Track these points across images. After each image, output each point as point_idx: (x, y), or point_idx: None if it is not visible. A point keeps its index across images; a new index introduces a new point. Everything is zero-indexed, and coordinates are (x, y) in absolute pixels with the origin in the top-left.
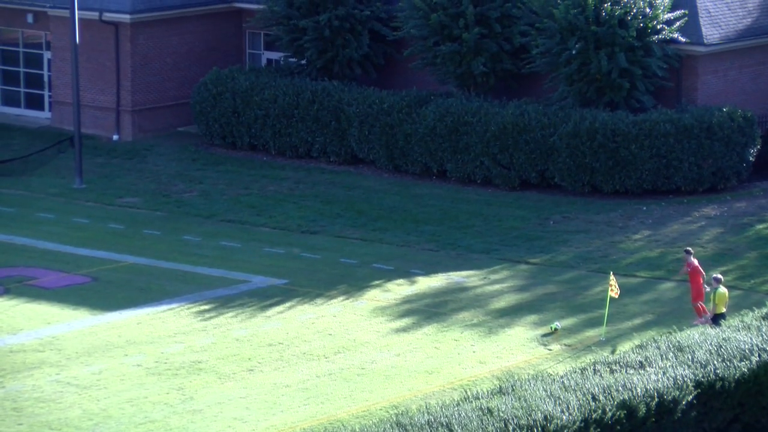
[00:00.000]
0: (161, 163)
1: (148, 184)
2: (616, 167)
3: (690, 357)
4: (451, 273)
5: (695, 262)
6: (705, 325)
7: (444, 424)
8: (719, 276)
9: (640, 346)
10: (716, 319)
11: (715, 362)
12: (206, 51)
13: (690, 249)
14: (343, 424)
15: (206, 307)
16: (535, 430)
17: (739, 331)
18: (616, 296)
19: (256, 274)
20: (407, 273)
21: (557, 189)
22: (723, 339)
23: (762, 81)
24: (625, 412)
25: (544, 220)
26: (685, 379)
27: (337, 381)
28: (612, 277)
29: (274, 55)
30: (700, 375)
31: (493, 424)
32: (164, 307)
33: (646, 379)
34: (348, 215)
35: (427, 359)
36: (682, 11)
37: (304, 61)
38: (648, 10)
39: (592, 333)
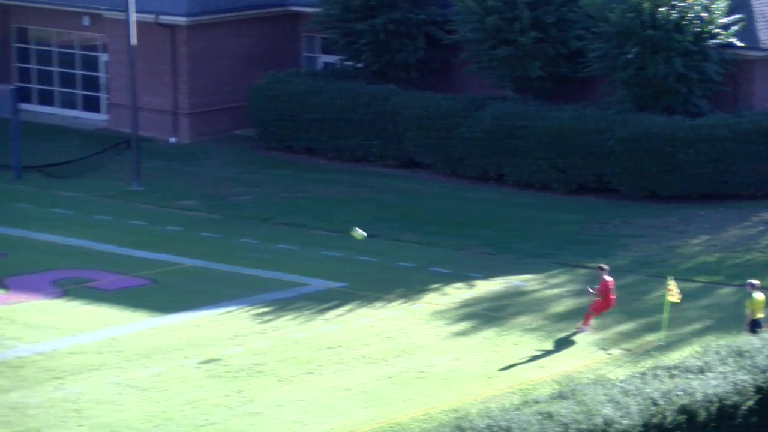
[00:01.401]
0: (218, 166)
1: (204, 187)
2: (673, 172)
3: (750, 362)
4: (509, 277)
5: (609, 279)
6: (586, 333)
7: (504, 428)
8: (755, 282)
9: (700, 351)
10: (753, 326)
11: None
12: (261, 54)
13: (604, 266)
14: (402, 428)
15: (264, 309)
16: None
17: None
18: (678, 300)
19: (314, 277)
20: (465, 277)
21: (614, 193)
22: None
23: None
24: (685, 417)
25: (602, 225)
26: (746, 384)
27: (397, 384)
28: (672, 281)
29: (330, 59)
30: (761, 380)
31: (554, 429)
32: (223, 310)
33: (706, 384)
34: (405, 219)
35: (486, 363)
36: (739, 16)
37: (360, 65)
38: (704, 14)
39: (651, 338)
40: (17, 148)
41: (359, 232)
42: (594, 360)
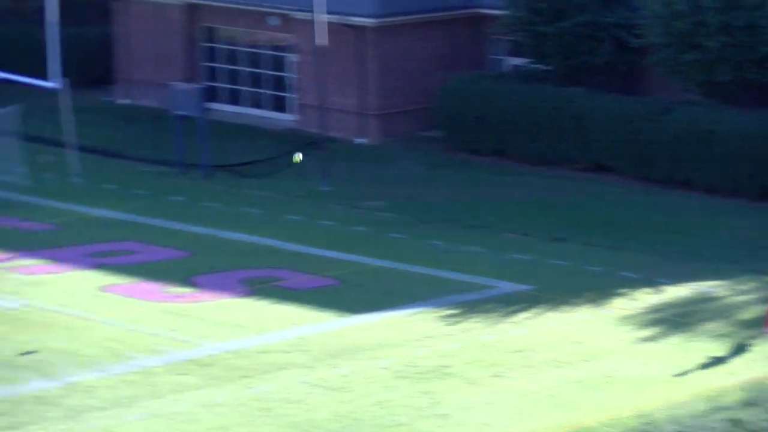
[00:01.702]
0: (405, 167)
1: (392, 187)
2: None
3: None
4: (697, 283)
5: None
6: None
7: None
8: None
9: None
10: None
11: None
12: (446, 56)
13: None
14: None
15: (452, 311)
16: None
17: None
18: None
19: (501, 279)
20: (653, 282)
21: None
22: None
23: None
24: None
25: None
26: None
27: (584, 389)
28: None
29: (517, 61)
30: None
31: None
32: (411, 311)
33: None
34: (593, 223)
35: (673, 369)
36: None
37: (547, 68)
38: None
39: None
40: (206, 147)
41: (297, 156)
42: None
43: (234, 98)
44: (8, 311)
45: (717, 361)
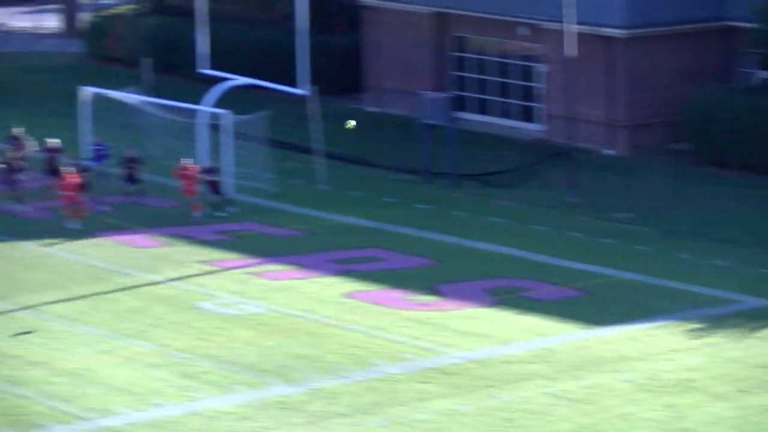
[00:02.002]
0: (653, 180)
1: (639, 200)
2: None
3: None
4: None
5: None
6: None
7: None
8: None
9: None
10: None
11: None
12: (695, 68)
13: None
14: None
15: (697, 325)
16: None
17: None
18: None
19: (749, 294)
20: None
21: None
22: None
23: None
24: None
25: None
26: None
27: None
28: None
29: None
30: None
31: None
32: (655, 324)
33: None
34: None
35: None
36: None
37: None
38: None
39: None
40: (453, 156)
41: (351, 123)
42: None
43: (482, 108)
44: (254, 316)
45: None
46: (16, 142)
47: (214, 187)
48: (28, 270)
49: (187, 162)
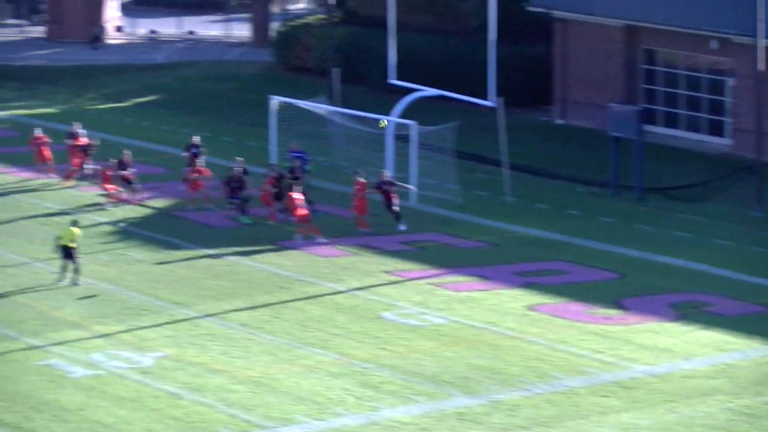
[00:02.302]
0: None
1: None
2: None
3: None
4: None
5: None
6: None
7: None
8: None
9: None
10: None
11: None
12: None
13: None
14: None
15: None
16: None
17: None
18: None
19: None
20: None
21: None
22: None
23: None
24: None
25: None
26: None
27: None
28: None
29: None
30: None
31: None
32: None
33: None
34: None
35: None
36: None
37: None
38: None
39: None
40: (640, 169)
41: (384, 122)
42: None
43: (670, 121)
44: (436, 327)
45: None
46: (196, 149)
47: (389, 199)
48: (212, 278)
49: (360, 177)
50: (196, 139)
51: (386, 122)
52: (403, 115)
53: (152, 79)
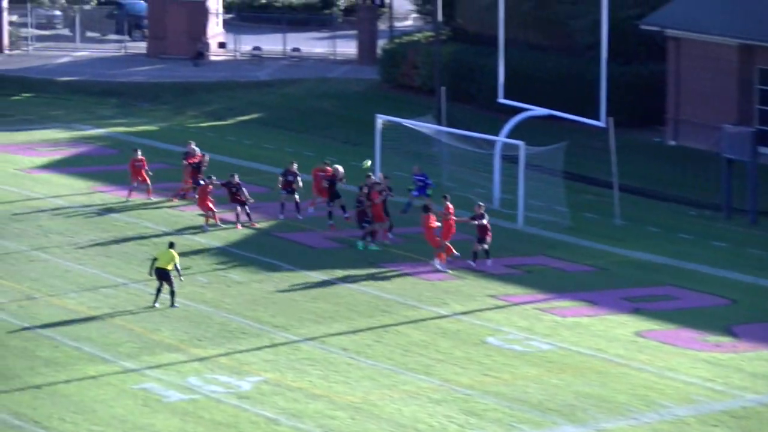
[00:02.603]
0: None
1: None
2: None
3: None
4: None
5: None
6: None
7: None
8: None
9: None
10: None
11: None
12: None
13: None
14: None
15: None
16: None
17: None
18: None
19: None
20: None
21: None
22: None
23: None
24: None
25: None
26: None
27: None
28: None
29: None
30: None
31: None
32: None
33: None
34: None
35: None
36: None
37: None
38: None
39: None
40: (754, 191)
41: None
42: None
43: None
44: (542, 353)
45: None
46: (292, 177)
47: (482, 233)
48: (312, 300)
49: (448, 201)
50: (294, 166)
51: (369, 163)
52: (511, 135)
53: (255, 97)
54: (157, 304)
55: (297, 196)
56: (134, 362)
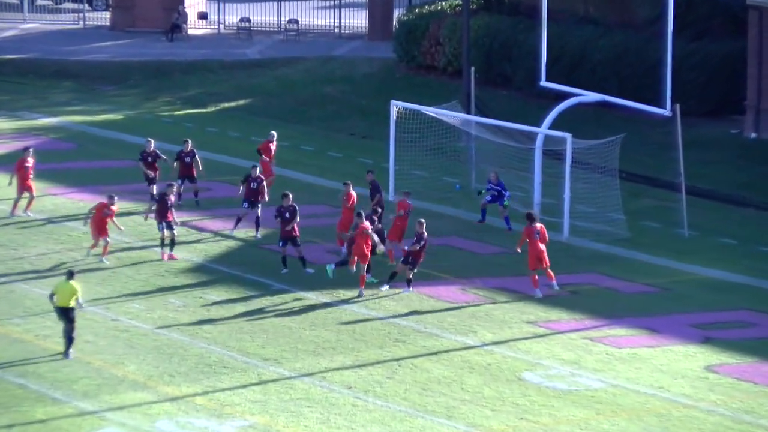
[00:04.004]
0: None
1: None
2: None
3: None
4: None
5: None
6: None
7: None
8: None
9: None
10: None
11: None
12: None
13: None
14: None
15: None
16: None
17: None
18: None
19: None
20: None
21: None
22: None
23: None
24: None
25: None
26: None
27: None
28: None
29: None
30: None
31: None
32: None
33: None
34: None
35: None
36: None
37: None
38: None
39: None
40: None
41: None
42: None
43: None
44: (591, 392)
45: None
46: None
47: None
48: (311, 327)
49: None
50: (257, 171)
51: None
52: (555, 126)
53: (243, 80)
54: (70, 354)
55: (259, 211)
56: (92, 403)
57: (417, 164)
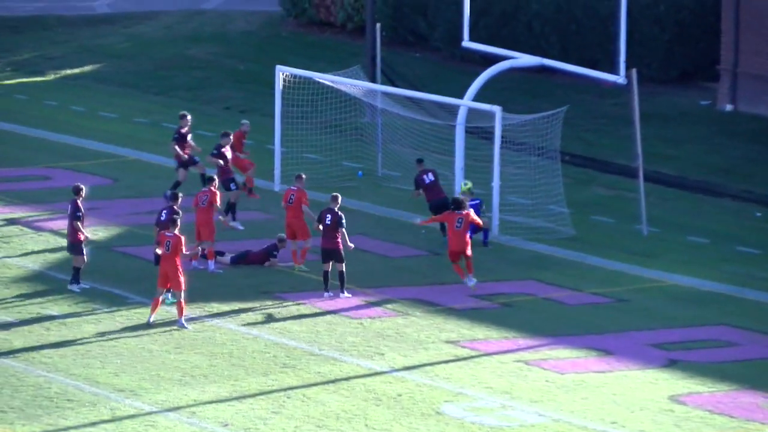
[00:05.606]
0: None
1: None
2: None
3: None
4: None
5: None
6: None
7: None
8: None
9: None
10: None
11: None
12: None
13: None
14: None
15: None
16: None
17: None
18: None
19: None
20: None
21: None
22: None
23: None
24: None
25: None
26: None
27: None
28: None
29: None
30: None
31: None
32: None
33: None
34: None
35: None
36: None
37: None
38: None
39: None
40: None
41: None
42: None
43: None
44: (527, 428)
45: None
46: None
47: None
48: (176, 350)
49: None
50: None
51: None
52: (481, 97)
53: (89, 40)
54: None
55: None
56: None
57: (309, 145)
